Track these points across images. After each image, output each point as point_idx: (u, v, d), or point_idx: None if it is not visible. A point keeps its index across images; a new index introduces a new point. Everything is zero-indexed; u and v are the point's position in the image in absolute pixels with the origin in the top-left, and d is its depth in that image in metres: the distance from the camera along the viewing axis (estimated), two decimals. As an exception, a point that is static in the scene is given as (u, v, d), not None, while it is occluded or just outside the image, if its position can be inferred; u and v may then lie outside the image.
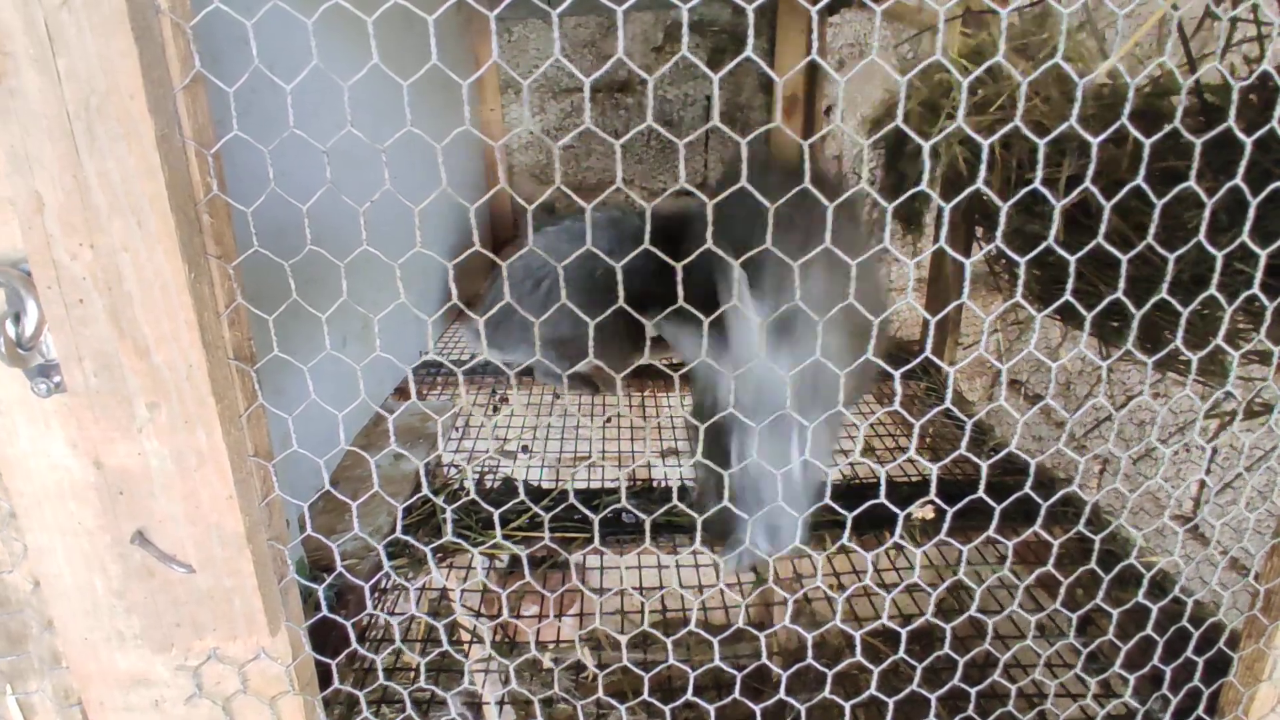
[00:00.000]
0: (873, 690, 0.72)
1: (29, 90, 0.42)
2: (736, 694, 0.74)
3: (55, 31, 0.41)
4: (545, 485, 1.35)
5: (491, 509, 0.67)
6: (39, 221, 0.44)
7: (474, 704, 1.12)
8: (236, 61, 0.86)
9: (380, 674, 0.87)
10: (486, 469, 1.42)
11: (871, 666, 0.73)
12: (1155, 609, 0.74)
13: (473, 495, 1.18)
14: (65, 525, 0.56)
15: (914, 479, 1.03)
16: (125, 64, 0.41)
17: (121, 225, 0.45)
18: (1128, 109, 0.50)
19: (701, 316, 0.55)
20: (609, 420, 1.65)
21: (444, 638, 0.82)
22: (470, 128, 0.45)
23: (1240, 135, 0.52)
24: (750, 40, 0.42)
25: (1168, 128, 0.54)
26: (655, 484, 1.36)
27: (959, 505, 0.64)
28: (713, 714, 0.73)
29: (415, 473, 1.30)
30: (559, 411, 1.66)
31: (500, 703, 1.08)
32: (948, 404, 0.54)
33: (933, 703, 0.73)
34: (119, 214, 0.45)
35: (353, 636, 0.76)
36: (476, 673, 1.06)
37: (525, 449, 1.52)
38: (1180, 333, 0.60)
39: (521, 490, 1.28)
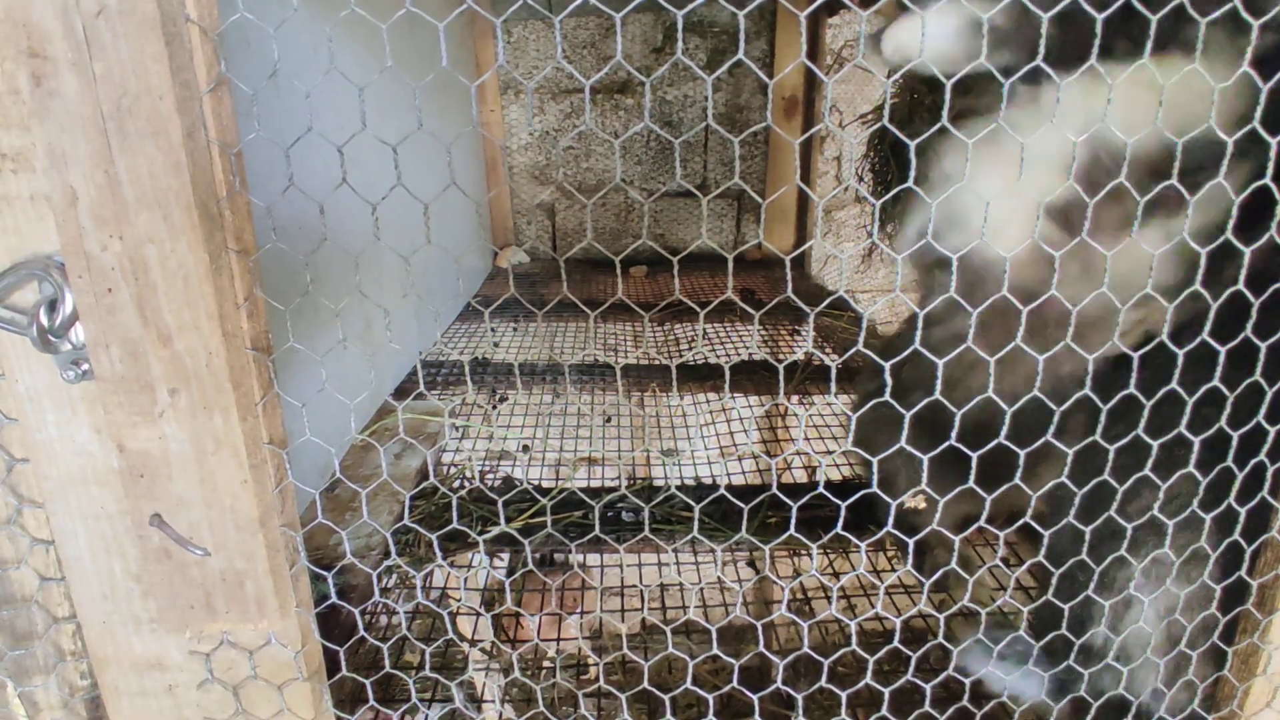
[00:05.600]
0: (868, 680, 0.74)
1: (67, 91, 0.44)
2: (735, 683, 0.76)
3: (92, 36, 0.43)
4: (545, 484, 1.37)
5: (495, 495, 0.69)
6: (73, 215, 0.46)
7: (475, 698, 1.14)
8: (242, 64, 0.88)
9: (386, 661, 0.89)
10: (486, 469, 1.44)
11: (867, 656, 0.75)
12: (1147, 601, 0.75)
13: (476, 483, 1.20)
14: (88, 509, 0.58)
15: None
16: (156, 67, 0.44)
17: (148, 218, 0.48)
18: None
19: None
20: (608, 420, 1.67)
21: (448, 625, 0.84)
22: (478, 128, 0.47)
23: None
24: (742, 43, 0.44)
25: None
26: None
27: (949, 495, 0.66)
28: (711, 703, 0.75)
29: (416, 471, 1.32)
30: (558, 410, 1.68)
31: (502, 700, 1.10)
32: (937, 394, 0.56)
33: (927, 693, 0.75)
34: (146, 208, 0.47)
35: (360, 624, 0.78)
36: (478, 669, 1.08)
37: (525, 448, 1.54)
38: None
39: (524, 482, 1.30)
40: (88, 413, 0.55)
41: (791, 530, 0.70)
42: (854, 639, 0.77)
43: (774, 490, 1.22)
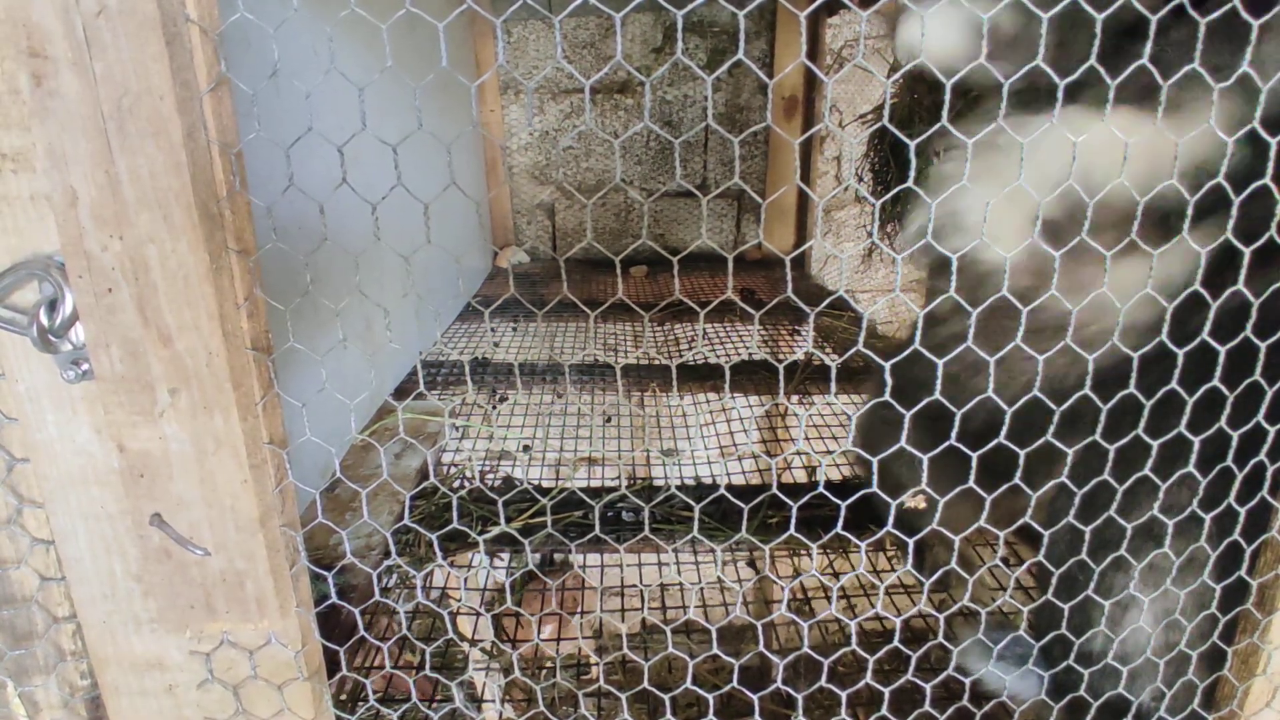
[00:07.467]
0: (868, 680, 0.74)
1: (67, 91, 0.44)
2: (735, 683, 0.76)
3: (93, 36, 0.43)
4: (545, 484, 1.37)
5: (495, 495, 0.69)
6: (73, 215, 0.47)
7: (475, 698, 1.14)
8: (242, 64, 0.88)
9: (387, 661, 0.89)
10: (486, 469, 1.44)
11: (867, 656, 0.75)
12: (1147, 600, 0.76)
13: (476, 483, 1.20)
14: (88, 510, 0.58)
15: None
16: (156, 67, 0.44)
17: (149, 219, 0.48)
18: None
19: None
20: (608, 420, 1.68)
21: (448, 625, 0.84)
22: (479, 128, 0.47)
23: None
24: (742, 43, 0.45)
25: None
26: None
27: (949, 495, 0.66)
28: (711, 703, 0.75)
29: (416, 471, 1.32)
30: (558, 410, 1.68)
31: (502, 700, 1.10)
32: (937, 395, 0.57)
33: (927, 692, 0.75)
34: (146, 208, 0.47)
35: (360, 624, 0.78)
36: (478, 669, 1.08)
37: (525, 448, 1.54)
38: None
39: (524, 482, 1.30)
40: (88, 413, 0.55)
41: (791, 530, 0.70)
42: (854, 639, 0.77)
43: (774, 490, 1.22)
